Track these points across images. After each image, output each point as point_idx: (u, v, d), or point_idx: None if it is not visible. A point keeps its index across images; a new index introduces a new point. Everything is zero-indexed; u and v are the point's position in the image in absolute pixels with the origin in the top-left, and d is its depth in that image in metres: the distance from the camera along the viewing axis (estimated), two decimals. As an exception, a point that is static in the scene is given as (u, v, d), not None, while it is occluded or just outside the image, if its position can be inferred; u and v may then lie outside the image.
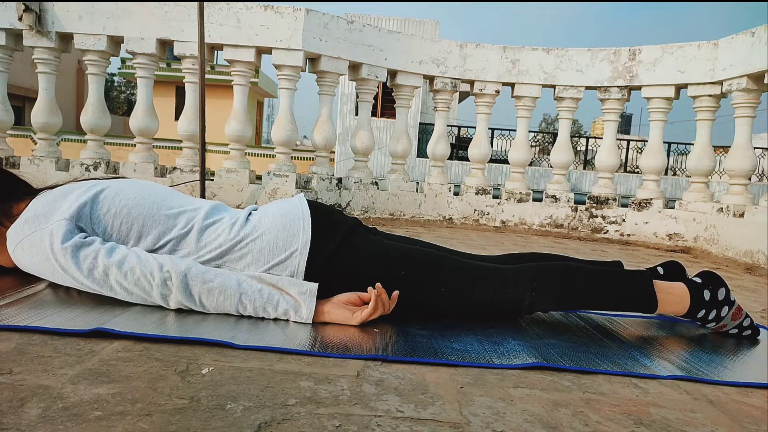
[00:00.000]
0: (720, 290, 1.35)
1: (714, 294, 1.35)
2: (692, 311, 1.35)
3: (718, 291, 1.35)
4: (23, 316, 1.12)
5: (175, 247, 1.27)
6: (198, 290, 1.18)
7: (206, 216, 1.30)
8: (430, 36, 10.81)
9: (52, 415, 0.74)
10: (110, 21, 3.70)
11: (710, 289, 1.35)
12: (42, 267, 1.22)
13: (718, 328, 1.38)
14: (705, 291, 1.35)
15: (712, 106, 3.76)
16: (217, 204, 1.39)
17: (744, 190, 3.55)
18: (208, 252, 1.26)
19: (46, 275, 1.24)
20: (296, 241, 1.26)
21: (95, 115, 3.86)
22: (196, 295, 1.18)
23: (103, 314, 1.16)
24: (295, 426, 0.76)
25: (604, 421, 0.86)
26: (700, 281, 1.37)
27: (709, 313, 1.35)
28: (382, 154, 12.90)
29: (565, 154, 4.34)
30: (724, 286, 1.36)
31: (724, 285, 1.36)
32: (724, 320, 1.36)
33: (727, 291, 1.36)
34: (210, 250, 1.26)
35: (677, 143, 16.68)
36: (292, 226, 1.28)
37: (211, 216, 1.31)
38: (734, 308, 1.36)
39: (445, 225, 4.24)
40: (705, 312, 1.35)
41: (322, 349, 1.07)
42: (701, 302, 1.34)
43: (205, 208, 1.33)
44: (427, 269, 1.30)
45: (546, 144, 17.21)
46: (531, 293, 1.29)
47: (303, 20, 3.71)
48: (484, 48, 4.31)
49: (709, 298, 1.34)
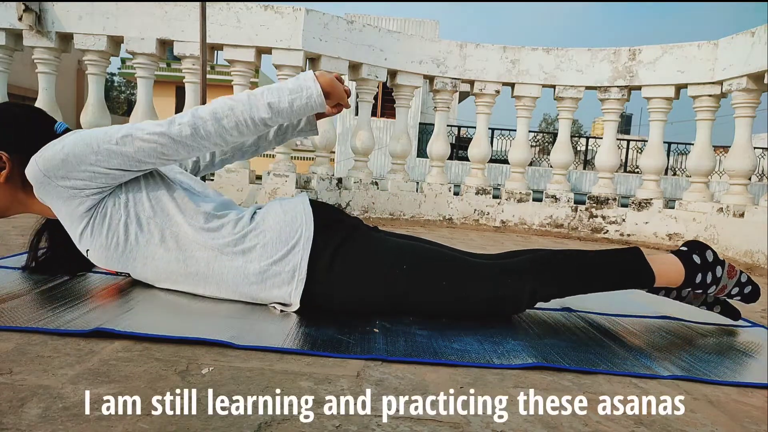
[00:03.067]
0: (707, 252, 1.39)
1: (703, 256, 1.37)
2: (689, 278, 1.36)
3: (706, 253, 1.38)
4: (23, 316, 1.12)
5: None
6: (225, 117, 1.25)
7: (217, 208, 1.33)
8: (430, 36, 10.80)
9: (52, 415, 0.74)
10: (110, 21, 3.70)
11: (698, 253, 1.38)
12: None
13: (720, 291, 1.40)
14: (693, 255, 1.38)
15: (712, 106, 3.76)
16: (226, 200, 1.41)
17: (744, 190, 3.55)
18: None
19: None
20: (298, 238, 1.27)
21: (95, 115, 3.86)
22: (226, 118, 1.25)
23: (103, 314, 1.16)
24: (295, 426, 0.76)
25: (604, 421, 0.86)
26: (686, 249, 1.40)
27: (706, 276, 1.37)
28: (382, 154, 12.90)
29: (565, 154, 4.34)
30: (710, 248, 1.40)
31: (709, 248, 1.40)
32: (722, 281, 1.38)
33: (714, 252, 1.39)
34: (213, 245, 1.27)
35: (677, 143, 16.68)
36: (294, 222, 1.29)
37: (219, 209, 1.33)
38: (727, 266, 1.39)
39: (445, 225, 4.24)
40: (702, 276, 1.37)
41: (322, 349, 1.07)
42: (694, 266, 1.37)
43: (219, 201, 1.36)
44: (428, 264, 1.30)
45: (546, 144, 17.21)
46: (531, 281, 1.30)
47: (303, 20, 3.71)
48: (484, 48, 4.31)
49: (700, 261, 1.37)
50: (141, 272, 1.32)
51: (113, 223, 1.26)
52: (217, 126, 1.24)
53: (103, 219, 1.25)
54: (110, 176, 1.23)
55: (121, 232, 1.26)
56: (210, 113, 1.24)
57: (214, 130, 1.25)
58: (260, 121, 1.27)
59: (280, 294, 1.27)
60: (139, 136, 1.21)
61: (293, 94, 1.28)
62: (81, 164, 1.20)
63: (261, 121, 1.27)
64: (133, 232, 1.26)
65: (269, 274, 1.26)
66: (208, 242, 1.26)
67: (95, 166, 1.20)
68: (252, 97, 1.27)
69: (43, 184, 1.22)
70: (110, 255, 1.28)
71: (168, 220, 1.27)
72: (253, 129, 1.27)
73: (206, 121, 1.24)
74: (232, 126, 1.25)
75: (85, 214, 1.25)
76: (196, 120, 1.23)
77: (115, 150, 1.21)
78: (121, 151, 1.21)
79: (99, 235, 1.26)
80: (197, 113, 1.25)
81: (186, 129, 1.23)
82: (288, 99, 1.27)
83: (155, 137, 1.22)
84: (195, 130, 1.23)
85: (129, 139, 1.21)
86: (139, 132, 1.22)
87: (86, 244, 1.28)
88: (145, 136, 1.21)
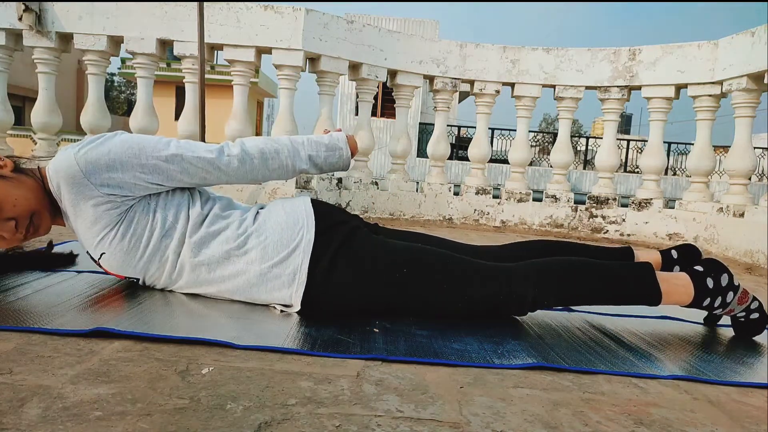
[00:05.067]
0: (723, 276, 1.33)
1: (717, 281, 1.33)
2: (697, 300, 1.33)
3: (721, 277, 1.33)
4: (23, 316, 1.12)
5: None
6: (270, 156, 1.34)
7: (221, 208, 1.33)
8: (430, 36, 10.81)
9: (52, 415, 0.74)
10: (110, 21, 3.70)
11: (713, 276, 1.33)
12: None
13: (726, 313, 1.37)
14: (708, 279, 1.33)
15: (712, 106, 3.76)
16: (230, 200, 1.40)
17: (744, 190, 3.55)
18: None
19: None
20: (299, 240, 1.27)
21: (95, 115, 3.86)
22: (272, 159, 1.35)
23: (103, 314, 1.16)
24: (295, 426, 0.76)
25: (604, 421, 0.86)
26: (702, 269, 1.35)
27: (715, 301, 1.33)
28: (382, 154, 12.91)
29: (565, 154, 4.34)
30: (727, 271, 1.34)
31: (727, 271, 1.34)
32: (731, 305, 1.34)
33: (730, 276, 1.34)
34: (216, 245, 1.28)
35: (677, 143, 16.68)
36: (295, 225, 1.29)
37: (224, 210, 1.33)
38: (739, 293, 1.33)
39: (445, 225, 4.24)
40: (710, 300, 1.33)
41: (322, 349, 1.07)
42: (705, 290, 1.32)
43: (222, 201, 1.37)
44: (429, 266, 1.29)
45: (546, 144, 17.21)
46: (534, 289, 1.29)
47: (303, 20, 3.71)
48: (484, 48, 4.31)
49: (713, 285, 1.32)
50: (152, 277, 1.32)
51: (138, 228, 1.25)
52: (263, 165, 1.33)
53: (129, 224, 1.24)
54: (147, 188, 1.24)
55: (144, 238, 1.25)
56: (259, 151, 1.32)
57: (258, 168, 1.33)
58: (299, 170, 1.38)
59: (280, 296, 1.27)
60: (189, 158, 1.26)
61: (329, 152, 1.40)
62: (125, 173, 1.20)
63: (299, 170, 1.38)
64: (155, 238, 1.26)
65: (270, 277, 1.26)
66: (211, 247, 1.26)
67: (138, 176, 1.21)
68: (295, 145, 1.37)
69: (78, 185, 1.19)
70: (128, 260, 1.27)
71: (184, 226, 1.27)
72: (290, 174, 1.38)
73: (254, 158, 1.31)
74: (275, 168, 1.34)
75: (114, 219, 1.23)
76: (245, 155, 1.30)
77: (163, 167, 1.23)
78: (168, 168, 1.24)
79: (122, 240, 1.24)
80: (246, 149, 1.31)
81: (234, 162, 1.29)
82: (324, 155, 1.40)
83: (204, 164, 1.27)
84: (242, 164, 1.30)
85: (178, 159, 1.24)
86: (189, 154, 1.26)
87: (103, 248, 1.26)
88: (194, 160, 1.26)
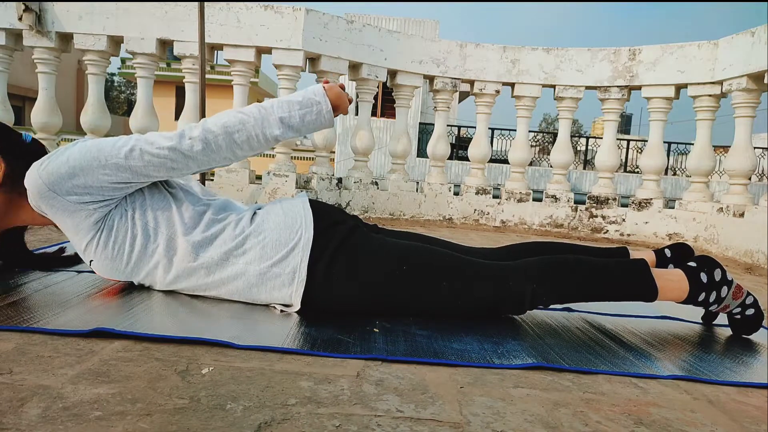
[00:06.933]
0: (716, 271, 1.36)
1: (710, 276, 1.35)
2: (692, 296, 1.35)
3: (714, 272, 1.36)
4: (23, 316, 1.12)
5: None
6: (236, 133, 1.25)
7: (216, 212, 1.32)
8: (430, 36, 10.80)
9: (52, 415, 0.74)
10: (110, 21, 3.70)
11: (706, 271, 1.36)
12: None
13: (722, 309, 1.38)
14: (701, 274, 1.35)
15: (712, 106, 3.76)
16: (226, 201, 1.40)
17: (744, 190, 3.55)
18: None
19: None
20: (298, 239, 1.27)
21: (95, 115, 3.86)
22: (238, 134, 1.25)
23: (103, 314, 1.16)
24: (295, 426, 0.76)
25: (604, 421, 0.86)
26: (695, 265, 1.38)
27: (709, 296, 1.35)
28: (382, 154, 12.90)
29: (565, 154, 4.34)
30: (719, 267, 1.37)
31: (719, 266, 1.37)
32: (726, 300, 1.36)
33: (723, 271, 1.37)
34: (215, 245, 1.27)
35: (677, 143, 16.67)
36: (294, 224, 1.29)
37: (219, 212, 1.32)
38: (733, 287, 1.36)
39: (445, 225, 4.24)
40: (705, 295, 1.35)
41: (322, 349, 1.07)
42: (700, 285, 1.35)
43: (217, 204, 1.35)
44: (428, 265, 1.30)
45: (546, 144, 17.20)
46: (532, 287, 1.29)
47: (303, 20, 3.71)
48: (484, 48, 4.31)
49: (707, 280, 1.35)
50: (145, 280, 1.32)
51: (119, 236, 1.25)
52: (229, 141, 1.23)
53: (109, 232, 1.24)
54: (117, 189, 1.22)
55: (127, 245, 1.25)
56: (221, 127, 1.23)
57: (226, 145, 1.24)
58: (272, 137, 1.27)
59: (280, 296, 1.27)
60: (148, 150, 1.20)
61: (303, 109, 1.27)
62: (87, 178, 1.18)
63: (273, 137, 1.27)
64: (138, 244, 1.26)
65: (269, 276, 1.26)
66: (209, 251, 1.26)
67: (102, 179, 1.19)
68: (263, 111, 1.25)
69: (47, 198, 1.20)
70: (115, 266, 1.27)
71: (173, 232, 1.26)
72: (264, 144, 1.27)
73: (217, 136, 1.22)
74: (243, 140, 1.25)
75: (92, 227, 1.23)
76: (207, 134, 1.22)
77: (123, 164, 1.19)
78: (130, 165, 1.20)
79: (105, 248, 1.25)
80: (207, 127, 1.23)
81: (197, 144, 1.22)
82: (299, 114, 1.27)
83: (165, 152, 1.20)
84: (206, 145, 1.22)
85: (137, 153, 1.19)
86: (147, 146, 1.20)
87: (90, 256, 1.27)
88: (154, 150, 1.20)
